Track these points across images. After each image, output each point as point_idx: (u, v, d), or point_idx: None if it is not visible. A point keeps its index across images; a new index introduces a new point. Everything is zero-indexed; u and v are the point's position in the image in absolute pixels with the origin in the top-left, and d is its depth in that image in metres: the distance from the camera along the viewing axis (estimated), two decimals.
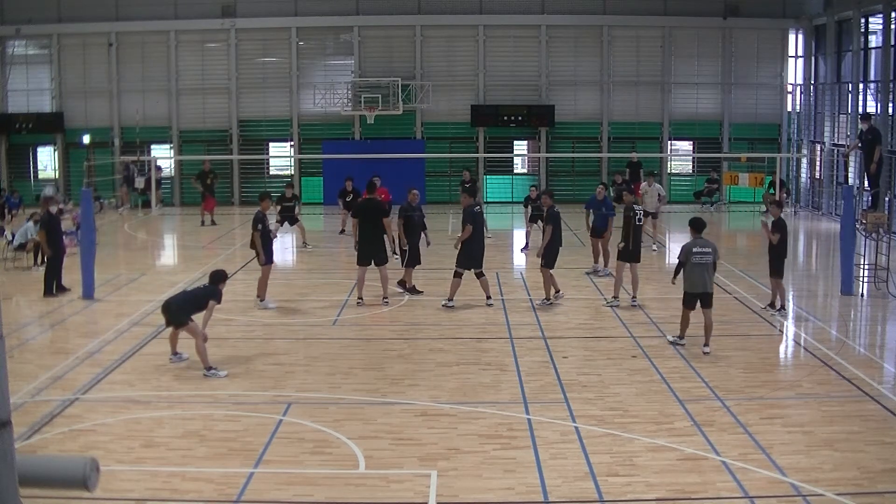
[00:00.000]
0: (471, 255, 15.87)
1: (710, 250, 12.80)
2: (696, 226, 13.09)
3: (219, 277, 12.67)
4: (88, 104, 32.77)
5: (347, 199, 23.71)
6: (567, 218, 28.77)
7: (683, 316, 13.12)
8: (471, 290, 16.48)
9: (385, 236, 16.16)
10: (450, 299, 15.92)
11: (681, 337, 13.18)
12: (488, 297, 16.05)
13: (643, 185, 23.94)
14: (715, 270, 13.03)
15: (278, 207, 22.54)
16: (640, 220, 16.01)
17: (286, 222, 22.83)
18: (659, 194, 22.34)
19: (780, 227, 15.60)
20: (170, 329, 12.46)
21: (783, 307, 15.54)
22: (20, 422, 9.56)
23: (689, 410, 10.45)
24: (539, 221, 19.90)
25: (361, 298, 16.09)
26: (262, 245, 15.89)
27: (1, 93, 32.55)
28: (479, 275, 16.08)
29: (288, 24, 32.42)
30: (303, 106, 32.77)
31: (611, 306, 15.86)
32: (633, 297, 15.97)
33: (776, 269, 15.48)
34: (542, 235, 16.16)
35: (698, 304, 12.92)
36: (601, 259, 19.21)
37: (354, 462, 9.02)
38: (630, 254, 15.89)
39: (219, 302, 12.44)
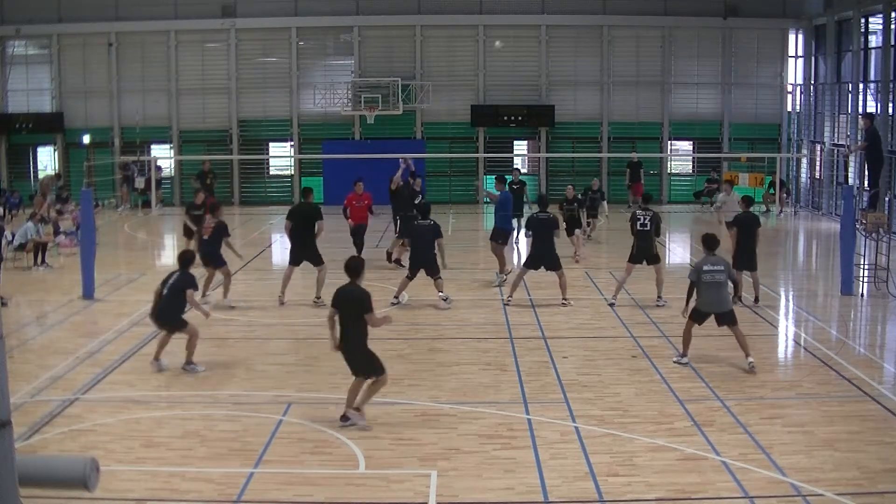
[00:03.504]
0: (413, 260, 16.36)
1: (722, 268, 12.13)
2: (709, 243, 12.44)
3: (187, 259, 12.38)
4: (88, 104, 32.78)
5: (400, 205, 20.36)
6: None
7: (686, 330, 12.36)
8: (472, 290, 16.48)
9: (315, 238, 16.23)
10: (395, 296, 16.29)
11: (683, 355, 12.40)
12: (441, 295, 16.11)
13: (721, 195, 23.78)
14: (737, 290, 12.28)
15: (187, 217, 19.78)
16: (643, 225, 16.03)
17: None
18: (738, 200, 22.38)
19: (736, 222, 15.91)
20: (163, 333, 12.32)
21: (756, 300, 15.83)
22: (20, 422, 9.56)
23: (689, 410, 10.45)
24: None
25: (283, 295, 16.25)
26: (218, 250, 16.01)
27: (1, 93, 32.55)
28: (435, 279, 16.22)
29: (288, 24, 32.43)
30: (303, 106, 32.77)
31: (610, 305, 15.90)
32: (658, 296, 15.99)
33: (744, 263, 15.69)
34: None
35: (705, 321, 12.27)
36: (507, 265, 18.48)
37: (354, 462, 9.02)
38: (634, 257, 16.07)
39: (196, 288, 12.29)
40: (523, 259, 20.79)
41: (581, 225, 21.80)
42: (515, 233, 22.90)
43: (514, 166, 29.00)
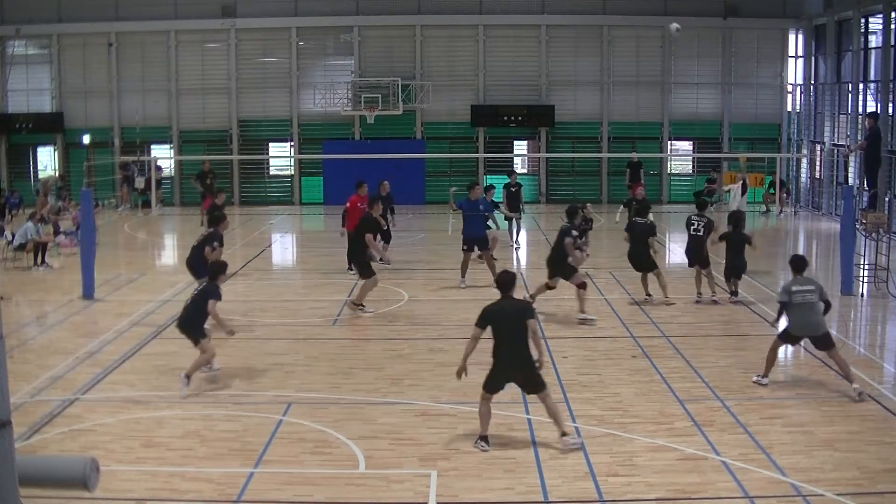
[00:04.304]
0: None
1: (812, 287, 11.44)
2: (796, 265, 11.79)
3: (217, 270, 11.97)
4: (88, 104, 32.78)
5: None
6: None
7: (772, 349, 11.52)
8: (472, 290, 16.48)
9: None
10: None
11: (764, 375, 11.45)
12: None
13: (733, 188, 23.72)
14: (827, 310, 11.56)
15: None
16: (696, 230, 16.27)
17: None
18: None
19: (724, 238, 16.13)
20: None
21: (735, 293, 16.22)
22: (20, 422, 9.56)
23: (689, 410, 10.44)
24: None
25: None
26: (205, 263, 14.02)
27: (1, 93, 32.55)
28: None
29: (288, 24, 32.43)
30: (303, 106, 32.77)
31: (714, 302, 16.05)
32: (666, 296, 16.09)
33: (730, 273, 16.12)
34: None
35: (797, 343, 11.74)
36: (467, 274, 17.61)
37: (354, 462, 9.02)
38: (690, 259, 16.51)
39: (218, 299, 11.67)
40: (522, 257, 20.78)
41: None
42: (515, 234, 22.80)
43: (513, 168, 29.00)
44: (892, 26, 25.13)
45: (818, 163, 31.24)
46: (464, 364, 9.52)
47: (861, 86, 27.48)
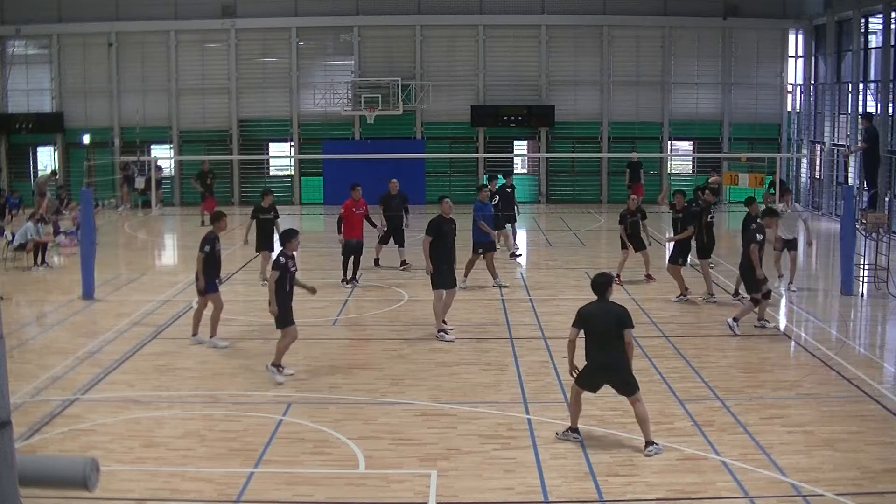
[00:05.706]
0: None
1: None
2: None
3: (285, 237, 11.85)
4: (88, 104, 32.78)
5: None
6: (569, 218, 28.77)
7: None
8: (472, 290, 16.44)
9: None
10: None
11: None
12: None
13: (780, 205, 18.82)
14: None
15: (253, 221, 17.94)
16: (712, 217, 16.72)
17: (264, 248, 17.68)
18: (805, 221, 17.86)
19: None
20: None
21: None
22: (20, 422, 9.56)
23: (689, 410, 10.45)
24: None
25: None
26: (206, 271, 13.19)
27: (1, 93, 32.55)
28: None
29: (288, 24, 32.43)
30: (303, 106, 32.77)
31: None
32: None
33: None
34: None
35: None
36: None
37: (354, 462, 9.02)
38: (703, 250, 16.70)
39: (276, 268, 11.42)
40: (517, 255, 20.73)
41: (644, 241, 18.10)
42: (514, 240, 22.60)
43: (512, 169, 28.98)
44: (892, 26, 25.13)
45: (818, 163, 31.25)
46: (571, 364, 9.59)
47: (861, 86, 27.48)
